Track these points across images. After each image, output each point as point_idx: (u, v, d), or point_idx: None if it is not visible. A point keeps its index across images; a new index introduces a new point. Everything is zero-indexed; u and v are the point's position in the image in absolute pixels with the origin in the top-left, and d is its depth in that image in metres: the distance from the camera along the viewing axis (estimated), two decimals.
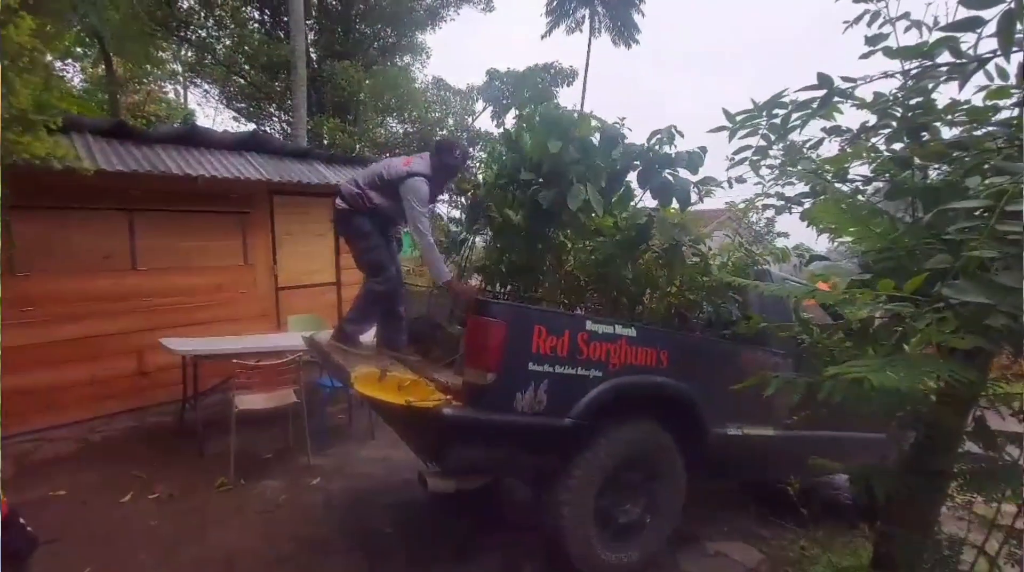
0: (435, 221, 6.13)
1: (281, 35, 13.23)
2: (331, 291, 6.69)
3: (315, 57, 13.88)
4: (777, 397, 2.12)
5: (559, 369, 2.41)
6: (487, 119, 17.61)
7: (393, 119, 15.24)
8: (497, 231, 3.42)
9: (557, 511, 2.56)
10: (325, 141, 12.40)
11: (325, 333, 3.59)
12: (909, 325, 1.38)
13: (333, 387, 4.54)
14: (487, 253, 3.66)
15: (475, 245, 3.98)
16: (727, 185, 2.66)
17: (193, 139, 5.56)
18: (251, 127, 14.31)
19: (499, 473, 3.16)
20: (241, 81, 14.42)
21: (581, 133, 2.88)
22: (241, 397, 3.84)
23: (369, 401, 2.72)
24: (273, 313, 6.05)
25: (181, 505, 3.43)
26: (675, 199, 2.85)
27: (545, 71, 17.20)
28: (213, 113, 22.36)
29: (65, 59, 11.39)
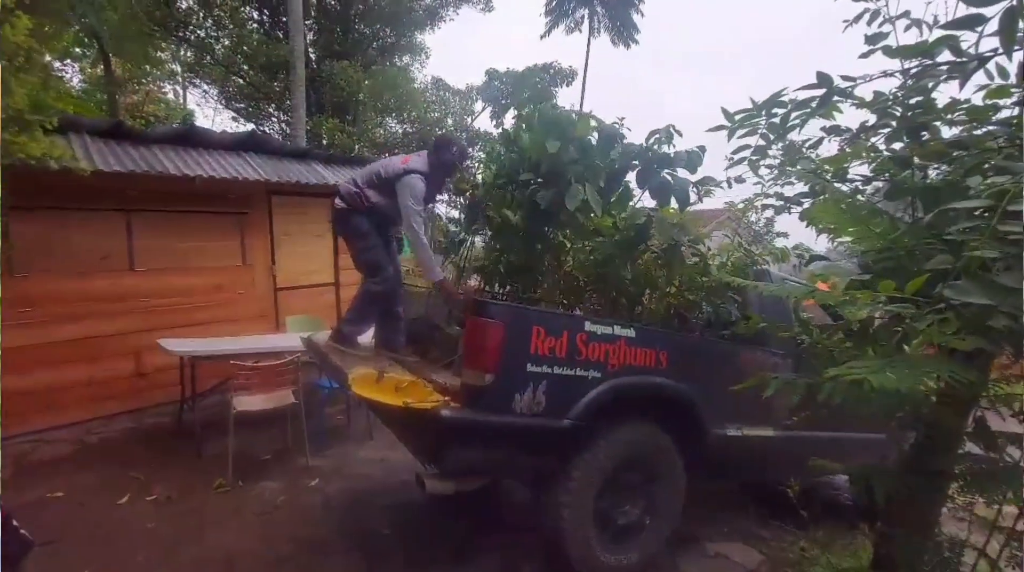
0: (434, 221, 6.12)
1: (280, 35, 13.22)
2: (330, 292, 6.68)
3: (314, 57, 13.87)
4: (777, 398, 2.11)
5: (558, 370, 2.40)
6: (486, 119, 17.62)
7: (392, 119, 15.25)
8: (496, 231, 3.41)
9: (556, 513, 2.54)
10: (324, 141, 12.40)
11: (323, 334, 3.57)
12: (910, 326, 1.37)
13: (332, 388, 4.53)
14: (486, 253, 3.65)
15: (474, 245, 3.96)
16: (726, 185, 2.65)
17: (191, 139, 5.54)
18: (250, 127, 14.30)
19: (497, 475, 3.14)
20: (240, 81, 14.42)
21: (579, 133, 2.87)
22: (239, 398, 3.82)
23: (367, 402, 2.71)
24: (272, 314, 6.04)
25: (179, 506, 3.42)
26: (674, 199, 2.83)
27: (544, 71, 17.24)
28: (212, 113, 22.31)
29: (64, 59, 11.40)
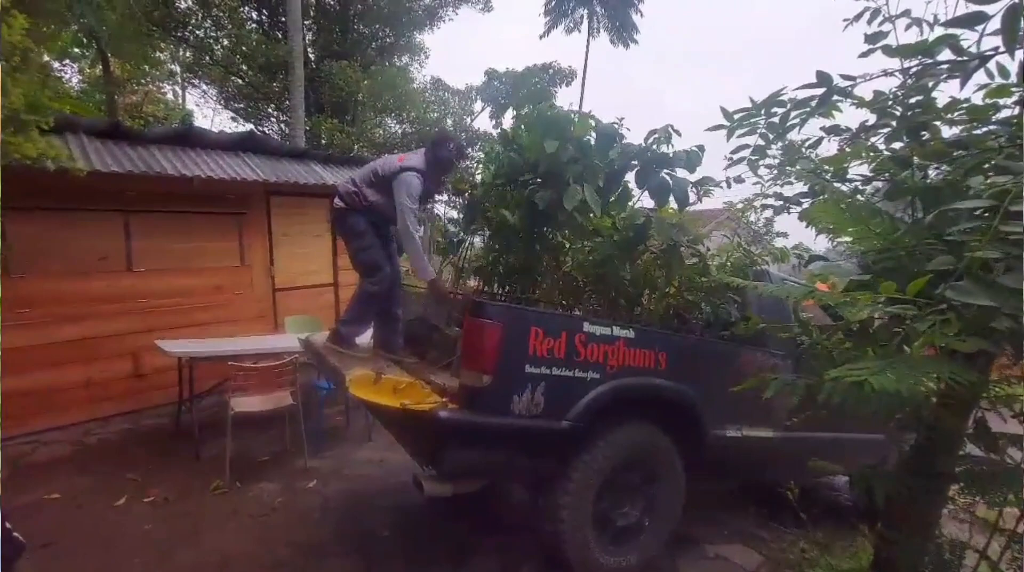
0: (433, 221, 6.11)
1: (279, 35, 13.20)
2: (328, 292, 6.66)
3: (313, 57, 13.86)
4: (776, 398, 2.10)
5: (556, 371, 2.39)
6: (486, 119, 17.64)
7: (391, 119, 15.25)
8: (494, 232, 3.40)
9: (555, 514, 2.53)
10: (323, 141, 12.38)
11: (321, 335, 3.56)
12: (911, 327, 1.36)
13: (330, 389, 4.51)
14: (485, 254, 3.64)
15: (473, 246, 3.95)
16: (725, 185, 2.64)
17: (189, 140, 5.53)
18: (249, 128, 14.29)
19: (496, 476, 3.13)
20: (239, 81, 14.40)
21: (578, 133, 2.86)
22: (237, 399, 3.81)
23: (365, 404, 2.69)
24: (270, 314, 6.02)
25: (176, 508, 3.41)
26: (673, 199, 2.82)
27: (544, 71, 17.25)
28: (212, 114, 22.32)
29: (62, 60, 11.40)
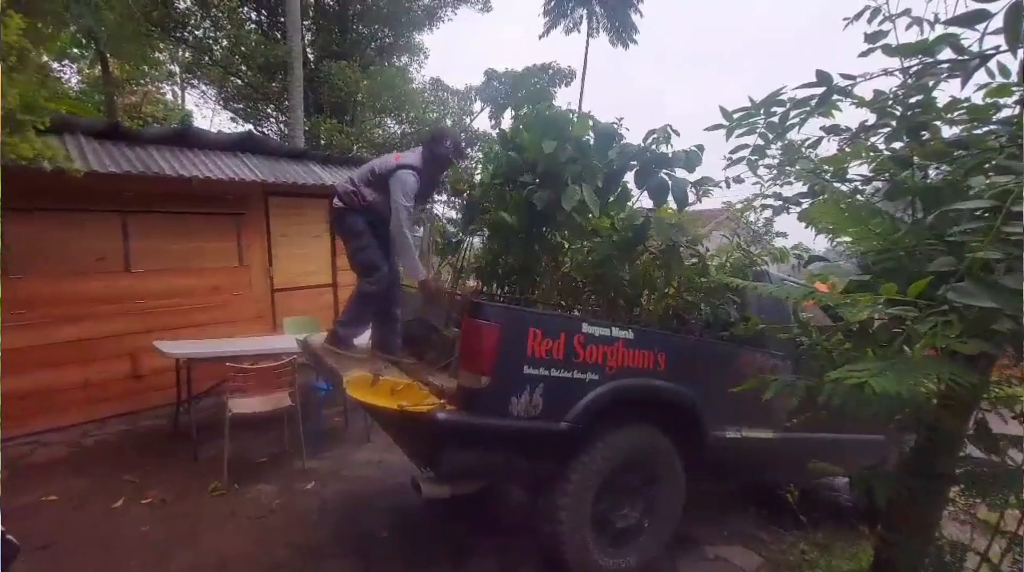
0: (433, 221, 6.09)
1: (278, 35, 13.18)
2: (327, 292, 6.64)
3: (312, 57, 13.84)
4: (776, 399, 2.09)
5: (555, 372, 2.37)
6: (485, 119, 17.63)
7: (390, 120, 15.22)
8: (493, 232, 3.39)
9: (554, 516, 2.52)
10: (322, 142, 12.37)
11: (319, 336, 3.55)
12: (911, 329, 1.35)
13: (328, 390, 4.50)
14: (483, 254, 3.63)
15: (473, 246, 3.94)
16: (724, 185, 2.63)
17: (187, 140, 5.51)
18: (248, 128, 14.27)
19: (494, 478, 3.12)
20: (238, 82, 14.38)
21: (576, 133, 2.85)
22: (235, 400, 3.79)
23: (362, 405, 2.68)
24: (269, 315, 6.01)
25: (174, 510, 3.39)
26: (672, 199, 2.81)
27: (543, 71, 17.22)
28: (211, 114, 22.35)
29: (61, 60, 11.39)
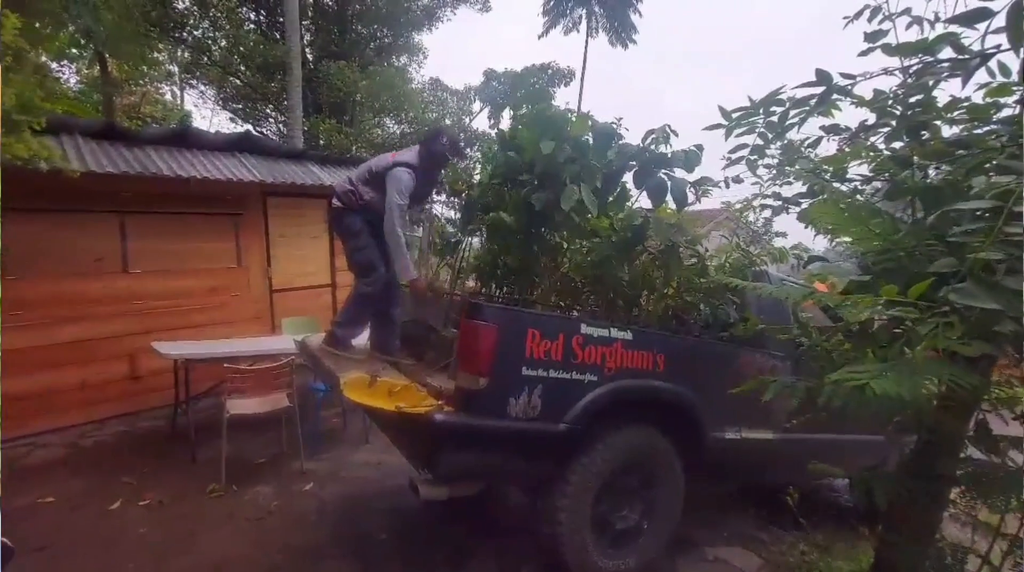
0: (432, 221, 6.08)
1: (277, 36, 13.16)
2: (326, 293, 6.63)
3: (311, 58, 13.82)
4: (776, 400, 2.08)
5: (553, 373, 2.37)
6: (485, 119, 17.61)
7: (390, 120, 15.20)
8: (492, 232, 3.38)
9: (553, 518, 2.51)
10: (321, 142, 12.35)
11: (318, 336, 3.53)
12: (913, 330, 1.34)
13: (326, 391, 4.49)
14: (482, 254, 3.61)
15: (472, 246, 3.92)
16: (724, 185, 2.62)
17: (185, 140, 5.50)
18: (247, 128, 14.25)
19: (493, 480, 3.11)
20: (237, 82, 14.36)
21: (575, 133, 2.84)
22: (233, 401, 3.78)
23: (360, 407, 2.67)
24: (267, 315, 6.00)
25: (171, 512, 3.38)
26: (671, 199, 2.80)
27: (542, 71, 17.20)
28: (210, 114, 22.31)
29: (60, 60, 11.37)
